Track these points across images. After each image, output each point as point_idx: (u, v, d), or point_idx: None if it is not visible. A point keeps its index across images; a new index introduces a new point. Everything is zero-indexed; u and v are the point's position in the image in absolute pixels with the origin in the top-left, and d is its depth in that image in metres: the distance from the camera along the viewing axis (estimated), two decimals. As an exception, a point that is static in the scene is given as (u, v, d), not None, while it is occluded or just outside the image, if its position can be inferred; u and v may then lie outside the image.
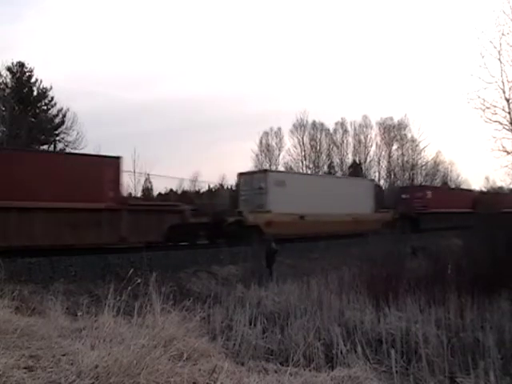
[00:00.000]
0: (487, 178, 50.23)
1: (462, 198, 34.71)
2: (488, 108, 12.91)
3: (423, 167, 48.64)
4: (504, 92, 12.99)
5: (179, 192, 38.40)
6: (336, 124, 47.76)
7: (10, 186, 12.75)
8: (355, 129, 48.31)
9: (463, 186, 48.06)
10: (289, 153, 46.73)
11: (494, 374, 5.12)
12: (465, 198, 34.72)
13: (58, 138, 31.28)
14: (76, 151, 27.81)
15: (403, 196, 32.08)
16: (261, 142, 47.50)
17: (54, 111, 31.68)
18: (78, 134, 31.20)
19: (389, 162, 48.57)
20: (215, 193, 40.56)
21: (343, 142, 48.02)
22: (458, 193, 38.54)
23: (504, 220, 17.37)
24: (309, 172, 44.42)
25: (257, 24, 73.50)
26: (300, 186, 21.29)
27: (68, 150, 30.38)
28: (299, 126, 46.54)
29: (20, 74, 30.45)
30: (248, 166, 44.52)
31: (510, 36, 12.88)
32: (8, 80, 30.15)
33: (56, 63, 56.47)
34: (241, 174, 22.58)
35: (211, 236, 18.96)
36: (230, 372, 4.13)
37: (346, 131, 48.04)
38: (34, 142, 28.79)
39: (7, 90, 29.86)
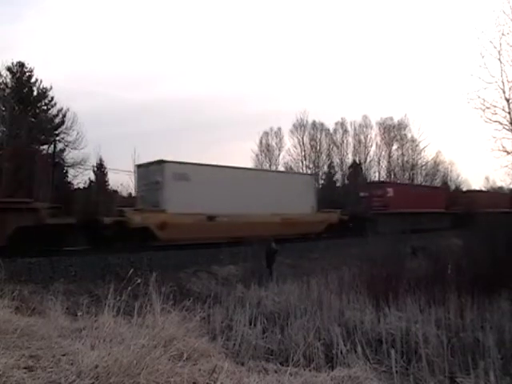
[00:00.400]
0: (487, 178, 50.28)
1: (433, 196, 31.20)
2: (488, 108, 12.88)
3: (423, 167, 48.74)
4: (504, 92, 12.96)
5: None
6: (336, 124, 47.81)
7: None
8: (355, 129, 48.37)
9: (463, 186, 48.07)
10: (289, 153, 46.80)
11: (494, 374, 5.12)
12: (436, 197, 31.45)
13: (58, 138, 31.17)
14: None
15: (362, 194, 28.31)
16: (261, 142, 47.59)
17: (54, 111, 31.65)
18: (77, 134, 31.15)
19: (389, 161, 48.61)
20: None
21: (343, 142, 48.02)
22: (427, 191, 34.12)
23: (483, 222, 16.73)
24: (309, 172, 44.43)
25: (257, 24, 73.67)
26: (210, 181, 17.92)
27: (68, 150, 30.45)
28: (299, 126, 46.59)
29: (20, 74, 30.41)
30: (248, 166, 44.59)
31: (510, 36, 12.85)
32: (8, 80, 30.11)
33: (56, 63, 56.54)
34: (138, 166, 19.40)
35: (87, 240, 15.79)
36: (230, 372, 4.13)
37: (346, 131, 48.07)
38: (33, 142, 28.73)
39: (7, 90, 29.81)
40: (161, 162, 17.68)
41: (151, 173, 17.85)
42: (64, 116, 31.41)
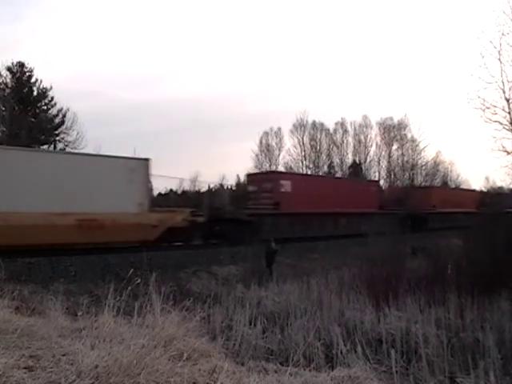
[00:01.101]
0: (487, 178, 50.18)
1: (358, 193, 23.86)
2: (488, 108, 12.88)
3: (423, 167, 48.64)
4: (504, 92, 12.96)
5: (179, 192, 38.43)
6: (336, 124, 47.80)
7: None
8: (355, 129, 48.37)
9: (462, 185, 47.86)
10: (289, 153, 46.73)
11: (494, 374, 5.12)
12: (364, 194, 24.28)
13: (57, 138, 31.26)
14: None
15: (251, 188, 21.71)
16: (261, 142, 47.49)
17: (54, 111, 31.66)
18: (77, 134, 31.19)
19: (389, 162, 48.57)
20: (215, 193, 40.57)
21: (343, 142, 48.04)
22: (349, 186, 25.85)
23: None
24: (309, 172, 44.31)
25: (257, 24, 73.66)
26: None
27: (68, 149, 30.41)
28: (299, 126, 46.54)
29: (20, 74, 30.41)
30: (248, 166, 44.63)
31: (510, 36, 12.86)
32: (8, 80, 30.12)
33: (56, 63, 56.60)
34: None
35: None
36: (230, 372, 4.12)
37: (346, 131, 48.07)
38: (34, 142, 28.74)
39: (7, 90, 29.81)
40: None
41: None
42: (64, 116, 31.46)
